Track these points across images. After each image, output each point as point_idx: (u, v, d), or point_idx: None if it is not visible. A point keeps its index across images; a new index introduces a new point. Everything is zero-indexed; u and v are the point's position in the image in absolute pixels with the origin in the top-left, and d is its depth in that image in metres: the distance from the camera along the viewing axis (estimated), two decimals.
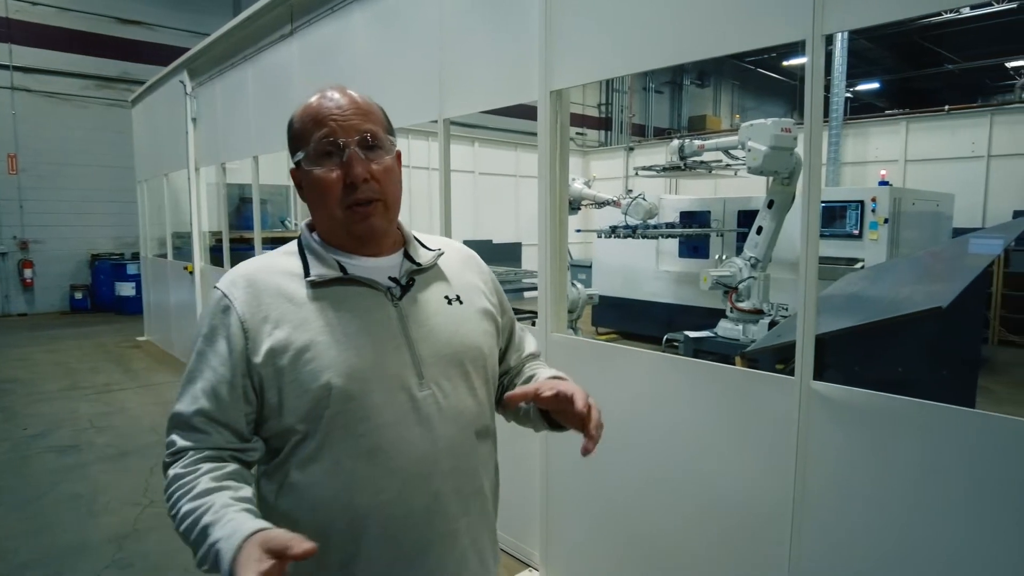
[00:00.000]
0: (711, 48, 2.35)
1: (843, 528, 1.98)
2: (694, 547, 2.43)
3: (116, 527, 3.65)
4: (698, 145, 6.41)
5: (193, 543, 0.97)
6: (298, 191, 1.19)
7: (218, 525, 0.95)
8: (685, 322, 7.39)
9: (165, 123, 7.98)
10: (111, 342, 9.29)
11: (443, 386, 1.14)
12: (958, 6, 1.89)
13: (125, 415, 5.78)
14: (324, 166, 1.10)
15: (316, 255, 1.14)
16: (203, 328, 1.10)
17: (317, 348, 1.06)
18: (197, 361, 1.09)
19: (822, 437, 2.01)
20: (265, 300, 1.09)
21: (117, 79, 12.36)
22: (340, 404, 1.06)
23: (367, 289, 1.14)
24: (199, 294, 7.35)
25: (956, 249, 5.67)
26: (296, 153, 1.13)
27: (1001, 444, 1.66)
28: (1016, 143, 9.69)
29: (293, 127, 1.15)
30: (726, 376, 2.36)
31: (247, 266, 1.16)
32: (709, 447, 2.36)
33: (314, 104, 1.13)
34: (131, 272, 11.74)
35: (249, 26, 5.60)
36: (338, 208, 1.11)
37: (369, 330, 1.11)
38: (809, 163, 2.08)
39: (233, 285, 1.11)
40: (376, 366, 1.09)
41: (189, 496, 1.00)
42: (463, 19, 3.33)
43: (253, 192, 6.16)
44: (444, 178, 3.54)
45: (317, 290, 1.11)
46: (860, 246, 7.06)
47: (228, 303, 1.09)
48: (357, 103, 1.13)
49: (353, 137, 1.10)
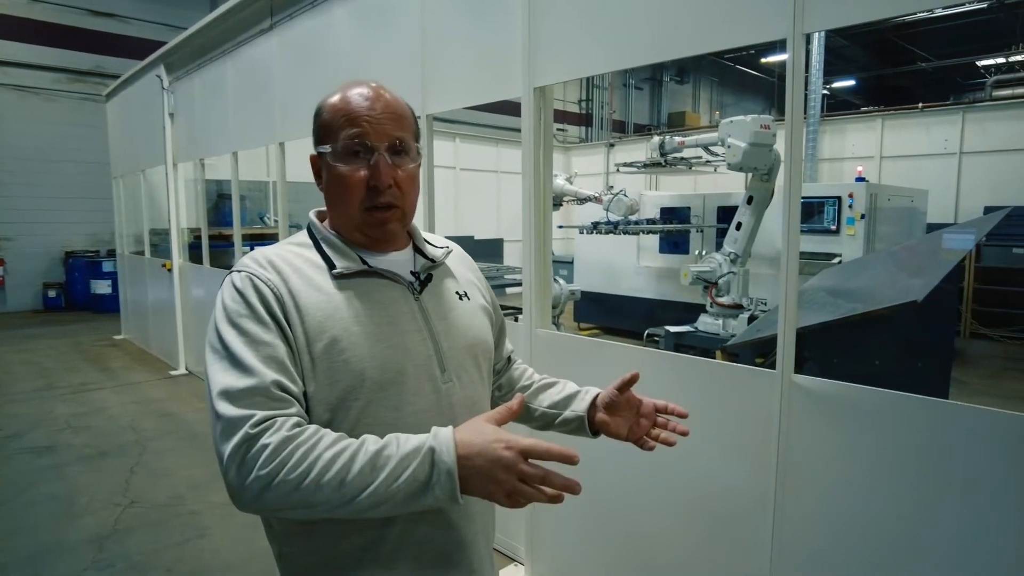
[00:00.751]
0: (694, 46, 2.38)
1: (824, 518, 2.02)
2: (678, 539, 2.46)
3: (96, 528, 3.60)
4: (678, 142, 6.46)
5: (360, 473, 0.91)
6: (316, 178, 1.19)
7: (399, 440, 0.95)
8: (666, 317, 7.46)
9: (141, 118, 7.85)
10: (87, 341, 9.14)
11: (462, 378, 1.18)
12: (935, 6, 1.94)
13: (103, 415, 5.69)
14: (350, 165, 1.11)
15: (335, 248, 1.15)
16: (236, 307, 1.03)
17: (350, 339, 1.07)
18: (242, 336, 1.01)
19: (803, 429, 2.04)
20: (295, 286, 1.07)
21: (90, 73, 12.12)
22: (372, 394, 1.07)
23: (390, 282, 1.16)
24: (178, 291, 7.26)
25: (930, 244, 5.80)
26: (322, 144, 1.13)
27: (975, 434, 1.71)
28: (987, 140, 9.90)
29: (322, 116, 1.14)
30: (709, 370, 2.39)
31: (265, 253, 1.12)
32: (692, 441, 2.38)
33: (347, 98, 1.12)
34: (107, 269, 11.54)
35: (228, 20, 5.53)
36: (358, 209, 1.13)
37: (396, 322, 1.13)
38: (790, 159, 2.11)
39: (261, 267, 1.08)
40: (407, 357, 1.11)
41: (323, 445, 0.93)
42: (445, 15, 3.32)
43: (232, 188, 6.09)
44: (427, 175, 3.53)
45: (342, 281, 1.11)
46: (838, 241, 7.17)
47: (261, 284, 1.05)
48: (391, 106, 1.13)
49: (383, 142, 1.11)
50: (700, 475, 2.36)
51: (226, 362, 0.99)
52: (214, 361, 1.01)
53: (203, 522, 3.68)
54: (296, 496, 0.90)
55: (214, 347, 1.02)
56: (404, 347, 1.11)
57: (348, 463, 0.91)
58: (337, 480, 0.90)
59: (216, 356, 1.01)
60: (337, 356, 1.05)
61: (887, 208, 7.41)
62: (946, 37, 15.46)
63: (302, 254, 1.13)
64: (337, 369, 1.05)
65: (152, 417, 5.64)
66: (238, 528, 3.55)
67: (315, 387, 1.05)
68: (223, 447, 0.93)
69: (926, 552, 1.82)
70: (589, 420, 1.33)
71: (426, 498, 0.91)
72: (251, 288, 1.05)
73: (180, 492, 4.08)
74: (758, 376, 2.17)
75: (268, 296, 1.04)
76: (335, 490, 0.90)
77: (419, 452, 0.92)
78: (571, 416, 1.34)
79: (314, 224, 1.19)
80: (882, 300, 3.61)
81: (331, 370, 1.05)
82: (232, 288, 1.06)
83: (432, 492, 0.91)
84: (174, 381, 6.95)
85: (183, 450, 4.84)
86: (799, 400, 2.04)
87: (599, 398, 1.33)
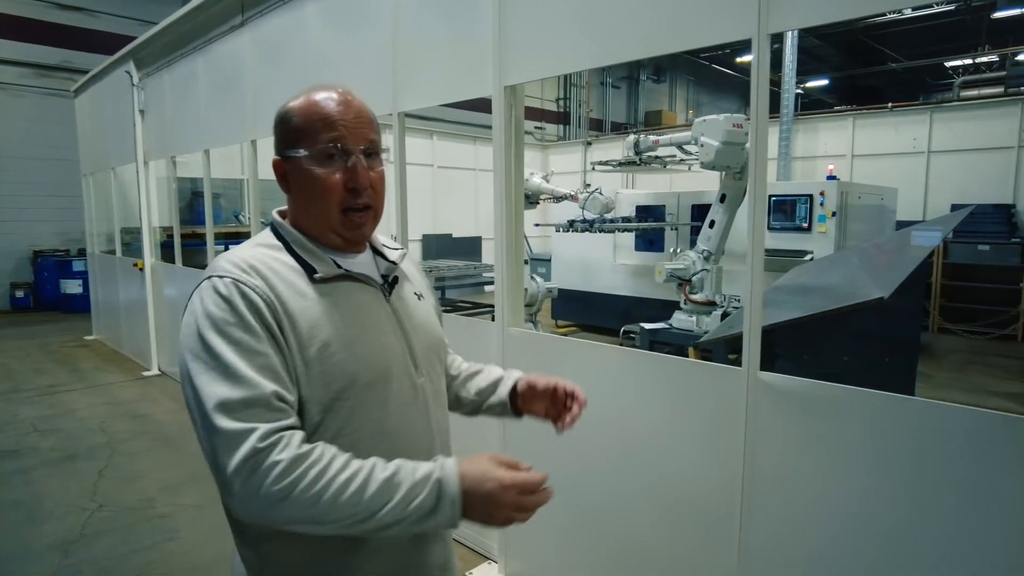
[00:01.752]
0: (661, 45, 2.40)
1: (790, 511, 2.06)
2: (649, 532, 2.49)
3: (62, 533, 3.54)
4: (653, 140, 6.50)
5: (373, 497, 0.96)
6: (280, 182, 1.18)
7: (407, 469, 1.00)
8: (641, 314, 7.51)
9: (111, 115, 7.70)
10: (56, 342, 8.95)
11: (430, 374, 1.26)
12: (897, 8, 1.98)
13: (71, 417, 5.59)
14: (327, 168, 1.12)
15: (309, 252, 1.15)
16: (223, 315, 1.01)
17: (340, 342, 1.09)
18: (233, 346, 0.99)
19: (769, 425, 2.08)
20: (281, 292, 1.07)
21: (57, 68, 11.85)
22: (362, 394, 1.11)
23: (364, 285, 1.19)
24: (150, 291, 7.15)
25: (898, 241, 5.91)
26: (293, 148, 1.13)
27: (936, 429, 1.76)
28: (954, 140, 10.12)
29: (292, 121, 1.14)
30: (679, 368, 2.42)
31: (243, 256, 1.10)
32: (663, 436, 2.42)
33: (319, 103, 1.13)
34: (77, 269, 11.31)
35: (198, 16, 5.45)
36: (336, 211, 1.14)
37: (377, 324, 1.18)
38: (756, 157, 2.13)
39: (246, 273, 1.06)
40: (390, 357, 1.17)
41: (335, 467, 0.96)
42: (417, 13, 3.31)
43: (204, 187, 6.01)
44: (399, 172, 3.52)
45: (323, 286, 1.13)
46: (809, 238, 7.28)
47: (249, 291, 1.04)
48: (362, 110, 1.16)
49: (360, 145, 1.14)
50: (670, 470, 2.39)
51: (216, 372, 0.98)
52: (202, 372, 0.98)
53: (173, 525, 3.63)
54: (310, 512, 0.94)
55: (199, 356, 0.99)
56: (387, 347, 1.17)
57: (362, 487, 0.96)
58: (352, 502, 0.95)
59: (204, 366, 0.99)
60: (328, 359, 1.07)
61: (858, 206, 7.54)
62: (916, 38, 15.77)
63: (277, 257, 1.13)
64: (330, 372, 1.07)
65: (123, 419, 5.54)
66: (208, 530, 3.51)
67: (309, 390, 1.06)
68: (226, 460, 0.93)
69: (889, 543, 1.86)
70: (512, 404, 1.42)
71: (430, 522, 0.99)
72: (239, 296, 1.03)
73: (151, 495, 4.02)
74: (725, 373, 2.20)
75: (259, 304, 1.03)
76: (349, 510, 0.95)
77: (427, 481, 1.00)
78: (495, 402, 1.42)
79: (282, 226, 1.18)
80: (851, 297, 3.68)
81: (324, 373, 1.07)
82: (216, 295, 1.03)
83: (435, 518, 0.99)
84: (147, 382, 6.84)
85: (155, 452, 4.77)
86: (765, 397, 2.07)
87: (519, 384, 1.41)
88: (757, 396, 2.09)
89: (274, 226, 1.20)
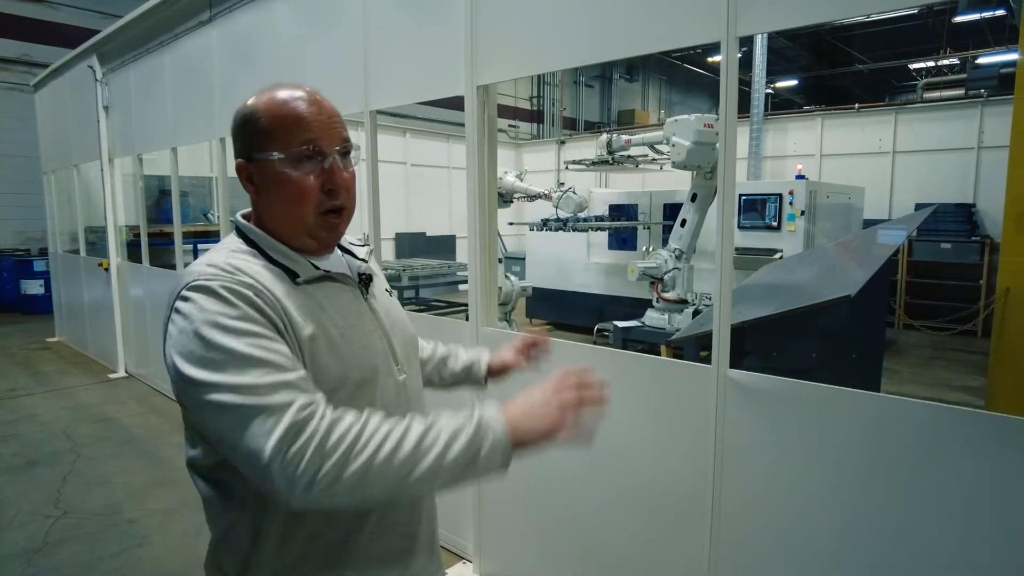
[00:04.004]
0: (632, 47, 2.42)
1: (759, 506, 2.10)
2: (622, 529, 2.51)
3: (24, 542, 3.44)
4: (625, 140, 6.56)
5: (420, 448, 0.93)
6: (246, 184, 1.14)
7: (447, 416, 0.99)
8: (615, 312, 7.58)
9: (73, 111, 7.50)
10: (16, 344, 8.70)
11: (409, 369, 1.26)
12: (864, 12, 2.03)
13: (33, 421, 5.44)
14: (302, 170, 1.09)
15: (285, 255, 1.11)
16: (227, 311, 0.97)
17: (329, 344, 1.09)
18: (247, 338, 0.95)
19: (739, 422, 2.11)
20: (267, 294, 1.03)
21: (16, 61, 11.51)
22: (351, 393, 1.10)
23: (342, 285, 1.18)
24: (116, 291, 6.98)
25: (865, 239, 6.04)
26: (263, 151, 1.09)
27: (897, 423, 1.80)
28: (917, 140, 10.37)
29: (260, 123, 1.09)
30: (651, 366, 2.44)
31: (226, 261, 1.05)
32: (635, 434, 2.44)
33: (288, 104, 1.09)
34: (39, 269, 11.00)
35: (164, 10, 5.33)
36: (313, 213, 1.11)
37: (360, 323, 1.17)
38: (724, 157, 2.16)
39: (233, 275, 1.01)
40: (375, 356, 1.17)
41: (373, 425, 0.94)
42: (388, 10, 3.28)
43: (172, 185, 5.89)
44: (372, 171, 3.49)
45: (306, 288, 1.11)
46: (779, 237, 7.41)
47: (245, 291, 1.00)
48: (331, 108, 1.13)
49: (335, 146, 1.11)
50: (643, 468, 2.41)
51: (233, 367, 0.93)
52: (214, 372, 0.93)
53: (142, 530, 3.55)
54: (371, 475, 0.90)
55: (209, 361, 0.93)
56: (371, 346, 1.17)
57: (401, 440, 0.92)
58: (403, 456, 0.92)
59: (215, 366, 0.93)
60: (317, 361, 1.06)
61: (826, 205, 7.69)
62: (880, 40, 16.12)
63: (253, 262, 1.08)
64: (322, 371, 1.06)
65: (87, 423, 5.41)
66: (179, 535, 3.45)
67: None
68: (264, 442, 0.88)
69: (856, 535, 1.90)
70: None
71: (479, 464, 0.96)
72: (233, 293, 0.98)
73: (117, 500, 3.93)
74: (696, 371, 2.23)
75: (256, 299, 1.00)
76: (403, 463, 0.91)
77: (470, 420, 0.97)
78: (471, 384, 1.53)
79: (251, 230, 1.14)
80: (819, 295, 3.75)
81: (315, 373, 1.05)
82: (208, 296, 0.98)
83: (486, 456, 0.95)
84: (113, 384, 6.69)
85: (121, 456, 4.66)
86: (734, 394, 2.11)
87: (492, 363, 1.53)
88: (727, 393, 2.12)
89: (240, 230, 1.15)
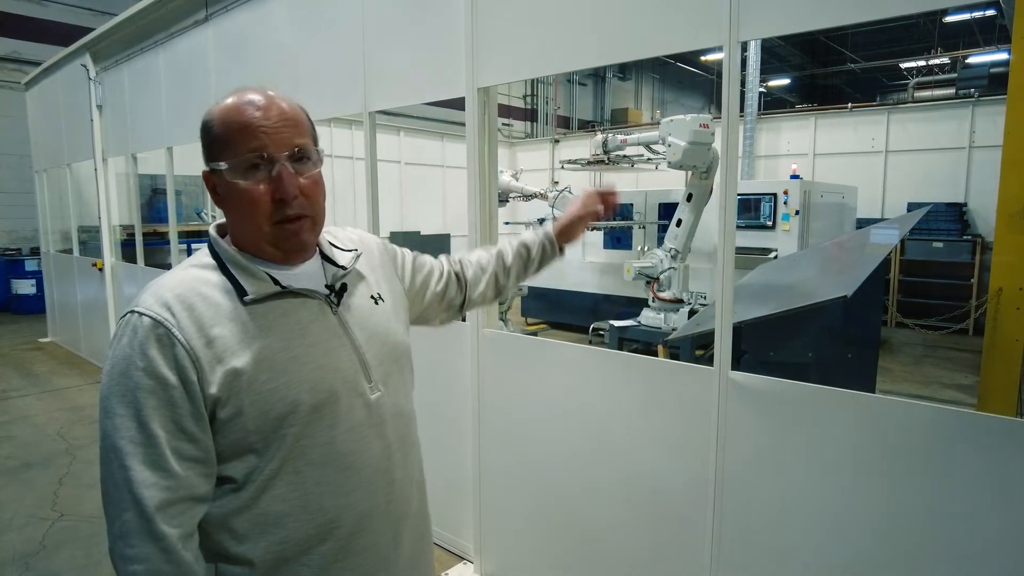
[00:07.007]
0: (634, 51, 2.42)
1: (760, 507, 2.11)
2: (623, 531, 2.52)
3: (20, 545, 3.42)
4: (621, 140, 6.56)
5: None
6: (212, 195, 1.12)
7: None
8: (610, 311, 7.59)
9: (66, 110, 7.44)
10: (8, 344, 8.63)
11: (388, 384, 1.20)
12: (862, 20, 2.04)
13: (27, 423, 5.40)
14: (250, 179, 1.05)
15: (244, 269, 1.08)
16: (135, 360, 0.97)
17: (276, 367, 1.04)
18: (139, 398, 0.96)
19: (740, 424, 2.12)
20: (205, 322, 1.01)
21: (6, 59, 11.39)
22: (307, 418, 1.06)
23: (305, 299, 1.12)
24: (110, 291, 6.94)
25: (859, 239, 6.07)
26: (215, 161, 1.06)
27: (897, 425, 1.82)
28: (909, 140, 10.43)
29: (213, 131, 1.06)
30: (651, 368, 2.45)
31: (168, 284, 1.04)
32: (636, 436, 2.45)
33: (238, 110, 1.05)
34: (30, 268, 10.90)
35: (159, 9, 5.30)
36: (266, 224, 1.07)
37: (320, 342, 1.11)
38: (726, 159, 2.17)
39: (164, 307, 1.00)
40: (336, 376, 1.11)
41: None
42: (387, 11, 3.27)
43: (167, 185, 5.85)
44: (371, 171, 3.49)
45: (256, 306, 1.06)
46: (774, 236, 7.43)
47: (165, 329, 0.98)
48: (285, 112, 1.08)
49: (284, 152, 1.05)
50: (644, 469, 2.42)
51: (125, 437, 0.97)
52: (110, 424, 0.97)
53: None
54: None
55: (112, 412, 0.97)
56: (332, 366, 1.10)
57: None
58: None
59: (112, 420, 0.97)
60: (263, 387, 1.02)
61: (820, 204, 7.73)
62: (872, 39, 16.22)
63: (208, 279, 1.06)
64: (266, 399, 1.03)
65: (83, 424, 5.38)
66: None
67: (246, 421, 1.02)
68: (110, 527, 0.98)
69: (858, 535, 1.92)
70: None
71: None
72: (151, 337, 0.98)
73: None
74: (697, 373, 2.24)
75: (175, 348, 0.98)
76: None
77: None
78: (548, 258, 1.68)
79: (217, 243, 1.11)
80: (815, 295, 3.77)
81: (258, 403, 1.02)
82: (128, 335, 1.00)
83: None
84: None
85: None
86: (736, 396, 2.12)
87: (557, 226, 1.69)
88: (728, 395, 2.13)
89: (212, 244, 1.12)
